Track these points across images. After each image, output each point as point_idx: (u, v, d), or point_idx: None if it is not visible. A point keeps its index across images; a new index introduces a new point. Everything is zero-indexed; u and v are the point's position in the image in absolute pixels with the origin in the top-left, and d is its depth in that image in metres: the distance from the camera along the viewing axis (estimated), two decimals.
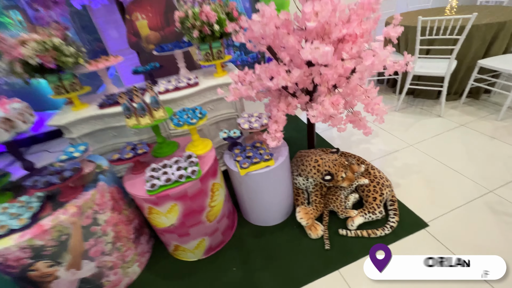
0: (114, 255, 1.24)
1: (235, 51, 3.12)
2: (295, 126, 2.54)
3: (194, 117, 1.24)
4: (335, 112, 1.13)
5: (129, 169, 1.30)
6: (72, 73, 1.42)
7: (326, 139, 2.29)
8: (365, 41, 1.21)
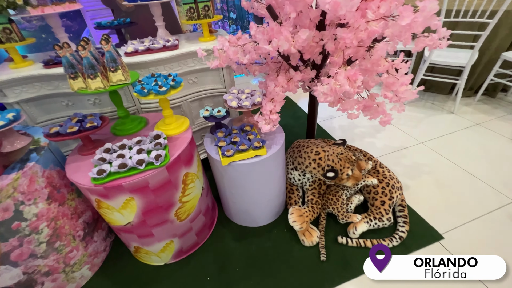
0: (52, 258, 0.96)
1: (230, 24, 2.77)
2: (292, 113, 2.26)
3: (164, 85, 0.93)
4: (351, 90, 0.85)
5: (76, 148, 1.00)
6: (7, 17, 1.07)
7: (327, 130, 2.03)
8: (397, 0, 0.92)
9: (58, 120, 1.24)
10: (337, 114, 2.22)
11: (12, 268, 0.86)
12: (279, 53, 1.02)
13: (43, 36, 2.39)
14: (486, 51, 2.02)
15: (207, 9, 1.24)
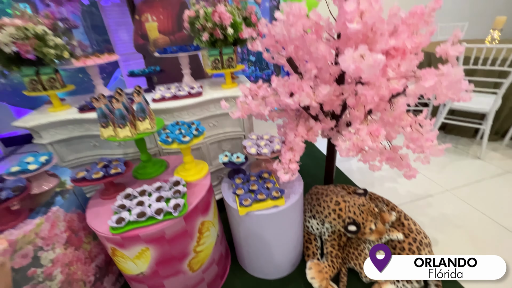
0: None
1: (249, 66, 2.93)
2: (309, 152, 2.24)
3: (188, 134, 0.96)
4: (374, 146, 0.84)
5: (98, 191, 1.02)
6: (54, 68, 1.20)
7: (344, 171, 1.98)
8: (416, 58, 0.95)
9: (85, 159, 1.30)
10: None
11: None
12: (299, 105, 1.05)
13: (80, 75, 2.63)
14: (510, 96, 1.98)
15: (231, 60, 1.33)
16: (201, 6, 1.29)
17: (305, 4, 0.89)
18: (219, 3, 1.30)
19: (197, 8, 1.28)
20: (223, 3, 1.33)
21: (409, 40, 0.89)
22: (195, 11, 1.29)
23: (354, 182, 1.84)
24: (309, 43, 0.89)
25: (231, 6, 1.33)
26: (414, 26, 0.94)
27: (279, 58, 1.17)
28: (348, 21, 0.75)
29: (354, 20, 0.75)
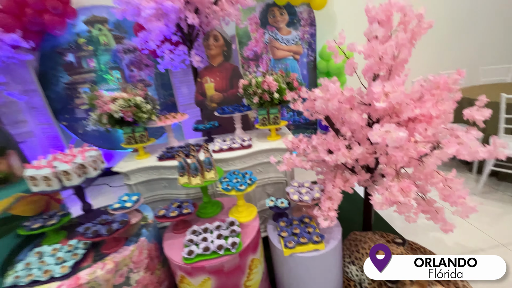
0: None
1: (288, 111, 3.23)
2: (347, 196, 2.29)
3: (243, 183, 1.20)
4: (406, 201, 0.95)
5: (171, 226, 1.28)
6: (144, 126, 1.59)
7: (385, 217, 1.98)
8: (443, 122, 1.08)
9: (157, 197, 1.61)
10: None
11: None
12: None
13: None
14: None
15: (276, 118, 1.60)
16: (253, 76, 1.62)
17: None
18: (267, 73, 1.63)
19: (250, 78, 1.62)
20: (270, 72, 1.65)
21: (434, 109, 1.04)
22: (248, 81, 1.62)
23: (395, 230, 1.83)
24: (343, 112, 1.10)
25: (277, 75, 1.64)
26: (438, 95, 1.09)
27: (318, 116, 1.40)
28: (375, 100, 0.95)
29: (380, 99, 0.94)
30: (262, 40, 2.91)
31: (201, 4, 2.01)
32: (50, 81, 2.87)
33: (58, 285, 0.94)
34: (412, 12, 1.02)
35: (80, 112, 3.01)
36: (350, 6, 3.07)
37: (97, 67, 2.90)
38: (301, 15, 2.87)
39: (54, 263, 1.01)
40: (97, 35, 2.83)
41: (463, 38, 3.52)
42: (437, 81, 1.10)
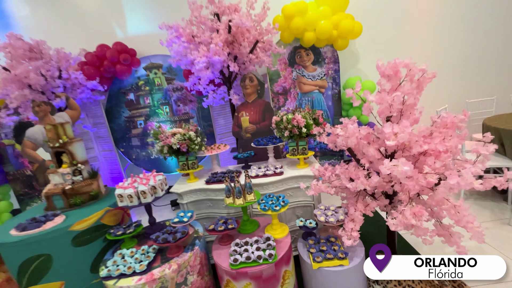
0: None
1: (314, 139, 3.46)
2: (374, 221, 2.39)
3: (277, 204, 1.45)
4: (418, 224, 1.12)
5: (217, 239, 1.55)
6: (195, 156, 1.96)
7: (411, 243, 2.04)
8: (450, 156, 1.25)
9: (203, 215, 1.90)
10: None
11: None
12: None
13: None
14: None
15: (304, 149, 1.86)
16: (284, 114, 1.93)
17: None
18: (296, 111, 1.93)
19: (281, 115, 1.93)
20: (298, 110, 1.95)
21: (441, 145, 1.23)
22: (280, 117, 1.93)
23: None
24: (361, 147, 1.34)
25: (304, 112, 1.93)
26: (445, 133, 1.28)
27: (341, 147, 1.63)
28: (386, 139, 1.18)
29: (390, 138, 1.17)
30: (290, 77, 3.28)
31: (240, 55, 2.45)
32: (114, 115, 3.50)
33: (139, 278, 1.24)
34: (416, 67, 1.27)
35: (135, 141, 3.57)
36: (370, 45, 3.37)
37: (151, 103, 3.48)
38: (325, 54, 3.21)
39: (134, 262, 1.32)
40: (153, 78, 3.44)
41: (496, 64, 3.56)
42: (445, 121, 1.30)
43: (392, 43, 3.42)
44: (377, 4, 3.31)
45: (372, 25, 3.27)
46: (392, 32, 3.40)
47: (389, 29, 3.39)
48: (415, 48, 3.48)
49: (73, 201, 1.59)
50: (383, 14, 3.34)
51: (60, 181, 1.61)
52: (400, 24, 3.39)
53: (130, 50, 3.20)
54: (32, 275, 1.35)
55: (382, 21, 3.35)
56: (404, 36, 3.43)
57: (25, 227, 1.37)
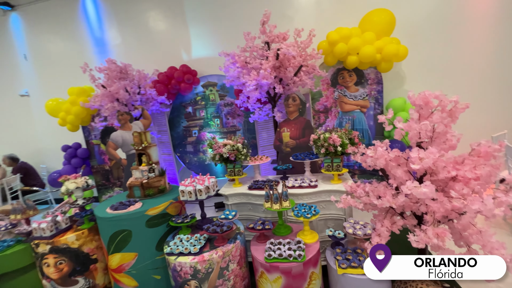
0: None
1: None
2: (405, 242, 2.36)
3: (309, 212, 1.65)
4: (440, 244, 1.21)
5: (255, 237, 1.81)
6: (241, 164, 2.29)
7: None
8: (481, 184, 1.30)
9: (243, 216, 2.20)
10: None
11: None
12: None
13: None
14: None
15: (338, 166, 2.03)
16: (321, 133, 2.14)
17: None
18: (333, 131, 2.12)
19: (319, 134, 2.14)
20: (335, 130, 2.14)
21: (470, 172, 1.30)
22: (317, 135, 2.14)
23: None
24: (390, 168, 1.48)
25: (341, 132, 2.11)
26: (477, 161, 1.34)
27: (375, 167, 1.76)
28: (412, 162, 1.31)
29: (415, 162, 1.30)
30: (332, 97, 3.45)
31: (285, 77, 2.75)
32: (175, 125, 4.12)
33: (193, 257, 1.57)
34: (446, 99, 1.38)
35: (189, 147, 4.12)
36: (417, 67, 3.36)
37: (205, 116, 4.01)
38: (368, 76, 3.31)
39: (189, 245, 1.67)
40: (208, 94, 3.97)
41: None
42: (479, 150, 1.37)
43: (440, 66, 3.34)
44: (425, 28, 3.30)
45: (420, 48, 3.28)
46: (440, 56, 3.33)
47: (437, 52, 3.33)
48: (464, 73, 3.33)
49: (147, 192, 2.05)
50: (430, 38, 3.32)
51: (140, 176, 2.09)
52: (449, 47, 3.30)
53: (192, 71, 3.79)
54: (117, 244, 1.80)
55: (430, 45, 3.32)
56: (453, 60, 3.32)
57: (116, 207, 1.85)
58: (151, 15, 4.20)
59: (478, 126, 2.99)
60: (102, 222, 1.84)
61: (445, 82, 3.36)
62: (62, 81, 4.46)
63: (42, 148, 5.03)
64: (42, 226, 1.92)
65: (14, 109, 5.05)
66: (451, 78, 3.36)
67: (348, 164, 3.51)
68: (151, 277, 1.87)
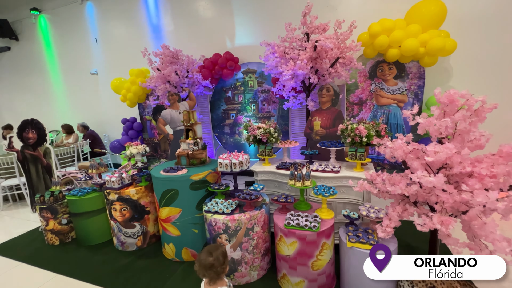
0: (250, 256, 1.99)
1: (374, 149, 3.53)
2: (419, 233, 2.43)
3: (328, 192, 1.87)
4: (442, 229, 1.34)
5: (277, 209, 2.10)
6: (272, 146, 2.55)
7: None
8: (495, 183, 1.37)
9: (269, 191, 2.49)
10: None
11: (239, 250, 1.95)
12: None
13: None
14: None
15: (362, 156, 2.17)
16: (349, 123, 2.27)
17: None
18: (361, 122, 2.24)
19: (347, 124, 2.28)
20: (363, 122, 2.25)
21: (486, 169, 1.38)
22: (345, 126, 2.29)
23: None
24: (408, 159, 1.60)
25: (369, 124, 2.22)
26: (496, 160, 1.40)
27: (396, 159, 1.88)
28: (426, 155, 1.43)
29: (430, 155, 1.41)
30: (368, 89, 3.45)
31: (321, 68, 2.87)
32: (215, 107, 4.52)
33: (225, 216, 1.93)
34: (473, 98, 1.44)
35: (226, 129, 4.51)
36: (466, 63, 3.16)
37: (243, 101, 4.32)
38: (410, 70, 3.23)
39: (223, 207, 2.02)
40: (247, 80, 4.25)
41: None
42: (501, 150, 1.42)
43: (490, 64, 3.09)
44: (479, 21, 3.06)
45: (471, 43, 3.07)
46: (493, 53, 3.06)
47: (489, 48, 3.07)
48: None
49: (191, 161, 2.45)
50: (484, 33, 3.06)
51: (186, 148, 2.50)
52: (503, 44, 3.02)
53: (234, 58, 4.08)
54: (167, 200, 2.25)
55: (482, 40, 3.08)
56: (506, 59, 3.03)
57: (168, 170, 2.28)
58: (201, 4, 4.54)
59: None
60: (156, 181, 2.29)
61: (493, 81, 3.12)
62: (123, 62, 5.15)
63: (106, 119, 5.92)
64: (113, 179, 2.46)
65: (86, 86, 5.98)
66: (501, 77, 3.09)
67: (378, 157, 3.54)
68: (190, 230, 2.30)
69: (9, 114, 7.49)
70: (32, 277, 2.29)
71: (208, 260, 1.34)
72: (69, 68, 6.16)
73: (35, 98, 6.91)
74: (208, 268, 1.34)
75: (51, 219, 2.75)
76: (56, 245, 2.80)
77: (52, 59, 6.30)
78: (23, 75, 6.92)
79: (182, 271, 2.23)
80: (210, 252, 1.38)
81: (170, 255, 2.39)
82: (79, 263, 2.45)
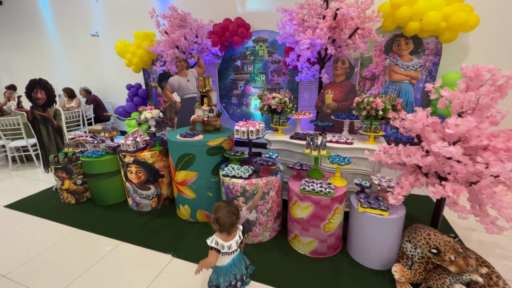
0: (264, 218, 2.12)
1: (391, 128, 3.59)
2: (425, 207, 2.59)
3: (342, 161, 1.95)
4: (454, 198, 1.44)
5: (292, 176, 2.19)
6: (286, 116, 2.58)
7: (463, 239, 2.22)
8: (509, 156, 1.45)
9: (282, 161, 2.57)
10: (479, 229, 2.31)
11: (255, 212, 2.07)
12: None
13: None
14: None
15: (376, 129, 2.22)
16: (366, 96, 2.29)
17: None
18: (378, 96, 2.25)
19: (364, 97, 2.29)
20: (380, 95, 2.27)
21: (502, 143, 1.45)
22: (362, 99, 2.30)
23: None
24: (425, 132, 1.66)
25: (385, 98, 2.24)
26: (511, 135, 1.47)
27: (411, 133, 1.94)
28: (447, 127, 1.48)
29: (451, 128, 1.47)
30: (382, 64, 3.41)
31: (339, 39, 2.80)
32: (223, 76, 4.43)
33: (243, 180, 2.01)
34: (499, 73, 1.46)
35: (234, 99, 4.47)
36: (485, 40, 3.10)
37: (252, 71, 4.23)
38: (427, 46, 3.17)
39: (241, 172, 2.10)
40: (258, 50, 4.13)
41: None
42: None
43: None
44: None
45: (494, 19, 2.98)
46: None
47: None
48: None
49: (206, 128, 2.48)
50: (506, 10, 2.96)
51: (201, 114, 2.51)
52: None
53: (246, 24, 3.92)
54: (184, 164, 2.31)
55: (506, 16, 2.99)
56: None
57: (184, 136, 2.32)
58: None
59: None
60: (173, 145, 2.34)
61: (511, 60, 3.10)
62: (127, 24, 4.90)
63: (109, 85, 5.79)
64: (128, 142, 2.50)
65: (86, 48, 5.73)
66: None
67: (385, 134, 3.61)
68: (205, 193, 2.41)
69: (5, 74, 7.24)
70: (55, 231, 2.42)
71: (234, 220, 1.43)
72: (67, 27, 5.84)
73: (31, 58, 6.64)
74: (234, 225, 1.44)
75: (67, 179, 2.82)
76: (72, 204, 2.92)
77: (49, 17, 5.94)
78: (17, 33, 6.56)
79: (198, 230, 2.37)
80: (232, 213, 1.45)
81: (185, 216, 2.53)
82: (98, 220, 2.58)
